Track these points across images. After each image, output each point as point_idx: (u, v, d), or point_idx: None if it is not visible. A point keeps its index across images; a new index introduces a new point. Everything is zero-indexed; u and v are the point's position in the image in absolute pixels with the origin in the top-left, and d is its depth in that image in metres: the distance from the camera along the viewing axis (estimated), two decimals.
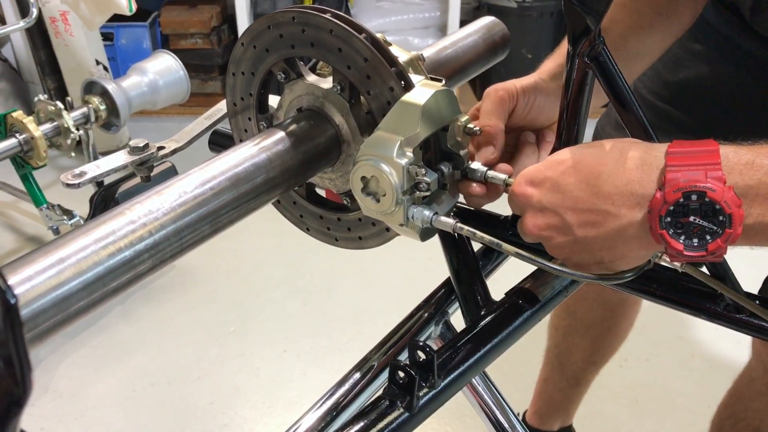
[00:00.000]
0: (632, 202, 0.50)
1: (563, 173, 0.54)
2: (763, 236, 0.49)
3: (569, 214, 0.53)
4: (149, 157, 0.69)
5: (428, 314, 0.74)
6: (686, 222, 0.49)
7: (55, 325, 0.43)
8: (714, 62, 0.91)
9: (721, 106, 0.91)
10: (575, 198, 0.53)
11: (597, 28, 0.58)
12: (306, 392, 1.78)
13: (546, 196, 0.54)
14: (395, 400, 0.54)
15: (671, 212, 0.49)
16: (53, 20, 2.57)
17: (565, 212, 0.53)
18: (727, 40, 0.88)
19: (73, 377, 1.85)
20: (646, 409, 1.74)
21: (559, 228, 0.54)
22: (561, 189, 0.53)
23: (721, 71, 0.90)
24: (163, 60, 1.68)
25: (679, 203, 0.48)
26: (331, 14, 0.59)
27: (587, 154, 0.54)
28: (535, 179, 0.56)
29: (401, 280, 2.14)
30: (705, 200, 0.48)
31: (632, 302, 1.31)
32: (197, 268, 2.22)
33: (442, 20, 3.09)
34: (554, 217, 0.54)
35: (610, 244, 0.52)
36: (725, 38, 0.88)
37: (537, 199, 0.55)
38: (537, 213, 0.55)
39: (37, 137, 1.67)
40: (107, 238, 0.46)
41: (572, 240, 0.54)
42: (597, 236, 0.52)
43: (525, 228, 0.57)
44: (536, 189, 0.55)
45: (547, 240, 0.56)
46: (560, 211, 0.53)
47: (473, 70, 0.81)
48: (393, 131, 0.56)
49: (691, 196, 0.48)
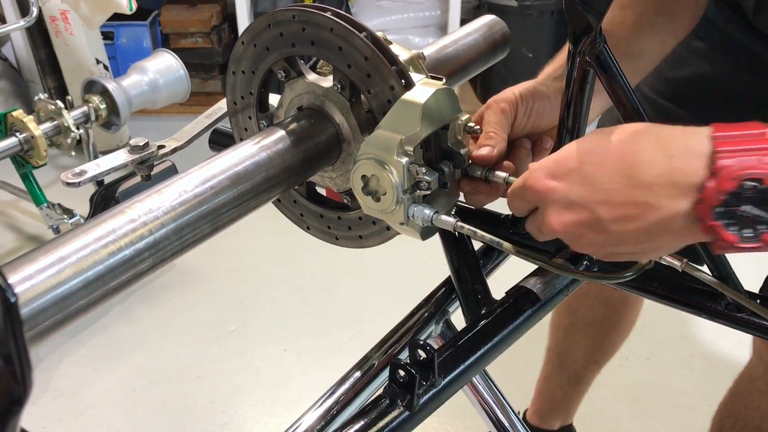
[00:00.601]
0: (676, 192, 0.46)
1: (592, 164, 0.49)
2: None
3: (602, 208, 0.49)
4: (149, 156, 0.68)
5: (429, 313, 0.74)
6: (739, 212, 0.44)
7: (55, 324, 0.43)
8: (715, 60, 0.91)
9: (722, 104, 0.91)
10: (608, 190, 0.48)
11: (598, 26, 0.58)
12: (306, 391, 1.78)
13: (573, 189, 0.50)
14: (395, 398, 0.54)
15: (724, 202, 0.44)
16: (53, 19, 2.57)
17: (597, 207, 0.49)
18: (729, 38, 0.88)
19: (73, 376, 1.85)
20: (647, 408, 1.74)
21: (589, 224, 0.50)
22: (590, 181, 0.49)
23: (722, 69, 0.90)
24: (164, 59, 1.68)
25: (733, 192, 0.44)
26: (331, 13, 0.59)
27: (617, 141, 0.49)
28: (558, 172, 0.51)
29: (402, 279, 2.14)
30: (760, 188, 0.44)
31: (633, 300, 1.31)
32: (197, 267, 2.22)
33: (443, 19, 3.09)
34: (584, 213, 0.50)
35: (648, 237, 0.49)
36: (727, 36, 0.88)
37: (562, 193, 0.50)
38: (562, 209, 0.51)
39: (38, 136, 1.67)
40: (108, 237, 0.46)
41: (606, 236, 0.50)
42: (635, 230, 0.48)
43: (548, 226, 0.52)
44: (560, 182, 0.51)
45: (577, 237, 0.51)
46: (591, 206, 0.49)
47: (474, 69, 0.81)
48: (393, 130, 0.56)
49: (746, 184, 0.44)
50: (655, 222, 0.47)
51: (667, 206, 0.46)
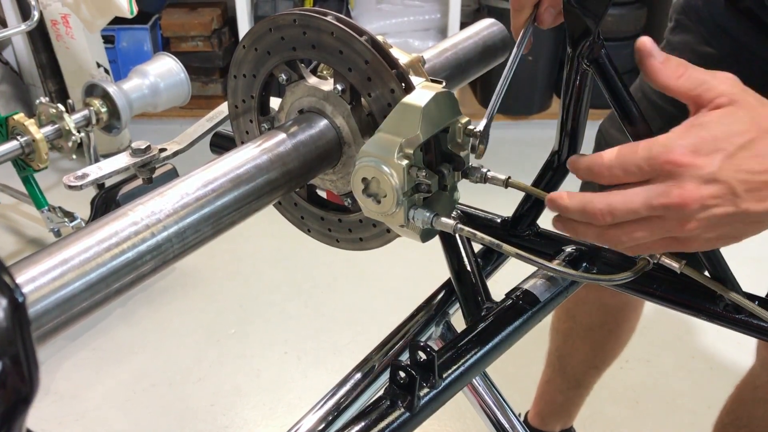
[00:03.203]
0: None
1: (739, 147, 0.51)
2: None
3: (741, 185, 0.51)
4: (151, 159, 0.69)
5: (429, 315, 0.74)
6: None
7: (58, 326, 0.43)
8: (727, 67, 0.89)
9: None
10: (751, 171, 0.51)
11: (596, 30, 0.58)
12: (307, 393, 1.78)
13: (720, 167, 0.51)
14: (396, 400, 0.54)
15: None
16: (54, 23, 2.57)
17: (738, 184, 0.51)
18: (743, 46, 0.87)
19: (74, 379, 1.85)
20: (647, 410, 1.74)
21: (724, 198, 0.52)
22: (736, 161, 0.51)
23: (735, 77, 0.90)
24: (164, 62, 1.68)
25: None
26: (332, 17, 0.59)
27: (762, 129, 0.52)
28: (704, 149, 0.52)
29: (402, 281, 2.14)
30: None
31: (633, 307, 1.31)
32: (198, 270, 2.23)
33: (443, 22, 3.10)
34: (724, 188, 0.51)
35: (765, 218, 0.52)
36: (740, 44, 0.87)
37: (709, 170, 0.51)
38: (704, 183, 0.52)
39: (39, 139, 1.67)
40: (110, 239, 0.46)
41: (732, 211, 0.52)
42: (762, 211, 0.51)
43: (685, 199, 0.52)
44: (707, 159, 0.51)
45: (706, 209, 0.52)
46: (733, 183, 0.51)
47: (473, 72, 0.81)
48: (394, 133, 0.57)
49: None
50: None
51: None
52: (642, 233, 0.54)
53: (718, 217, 0.52)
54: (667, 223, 0.53)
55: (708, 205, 0.51)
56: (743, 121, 0.52)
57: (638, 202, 0.53)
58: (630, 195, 0.53)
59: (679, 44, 0.96)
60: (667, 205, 0.52)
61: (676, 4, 0.98)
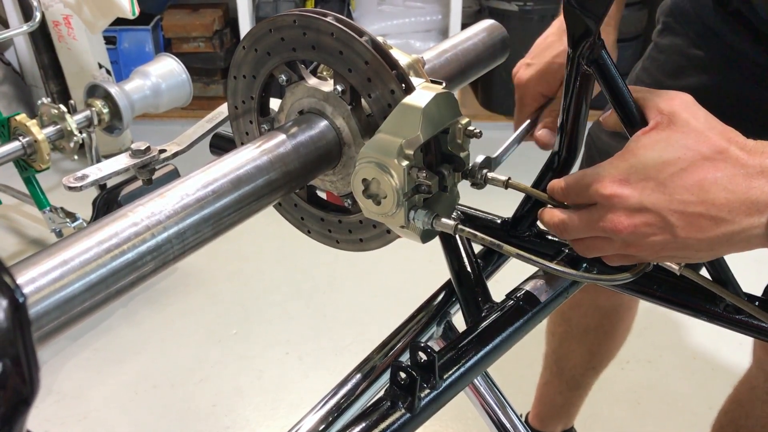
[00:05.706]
0: (752, 209, 0.49)
1: (672, 175, 0.51)
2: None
3: (675, 216, 0.50)
4: (151, 160, 0.69)
5: (429, 316, 0.74)
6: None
7: (58, 327, 0.43)
8: (717, 70, 0.89)
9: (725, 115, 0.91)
10: (684, 201, 0.50)
11: (596, 30, 0.58)
12: (308, 394, 1.78)
13: (649, 196, 0.51)
14: (397, 400, 0.54)
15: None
16: (56, 24, 2.58)
17: (670, 214, 0.51)
18: (732, 48, 0.86)
19: (76, 379, 1.85)
20: (648, 411, 1.74)
21: (657, 227, 0.51)
22: (668, 191, 0.51)
23: (725, 80, 0.88)
24: (166, 63, 1.69)
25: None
26: (332, 17, 0.59)
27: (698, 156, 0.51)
28: (632, 177, 0.52)
29: (402, 281, 2.14)
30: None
31: (628, 307, 1.31)
32: (199, 271, 2.23)
33: (443, 23, 3.10)
34: (655, 217, 0.51)
35: (710, 246, 0.51)
36: (730, 47, 0.86)
37: (636, 200, 0.52)
38: (633, 212, 0.52)
39: (41, 140, 1.68)
40: (110, 240, 0.46)
41: (670, 239, 0.51)
42: (701, 239, 0.50)
43: (612, 224, 0.53)
44: (633, 189, 0.52)
45: (640, 238, 0.53)
46: (664, 213, 0.51)
47: (474, 73, 0.81)
48: (394, 134, 0.57)
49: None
50: (723, 234, 0.50)
51: (740, 222, 0.49)
52: (603, 247, 0.56)
53: (659, 243, 0.52)
54: (615, 244, 0.55)
55: (642, 232, 0.52)
56: (677, 147, 0.52)
57: (581, 224, 0.56)
58: (575, 216, 0.56)
59: (668, 47, 0.95)
60: (604, 229, 0.54)
61: (663, 6, 0.98)
